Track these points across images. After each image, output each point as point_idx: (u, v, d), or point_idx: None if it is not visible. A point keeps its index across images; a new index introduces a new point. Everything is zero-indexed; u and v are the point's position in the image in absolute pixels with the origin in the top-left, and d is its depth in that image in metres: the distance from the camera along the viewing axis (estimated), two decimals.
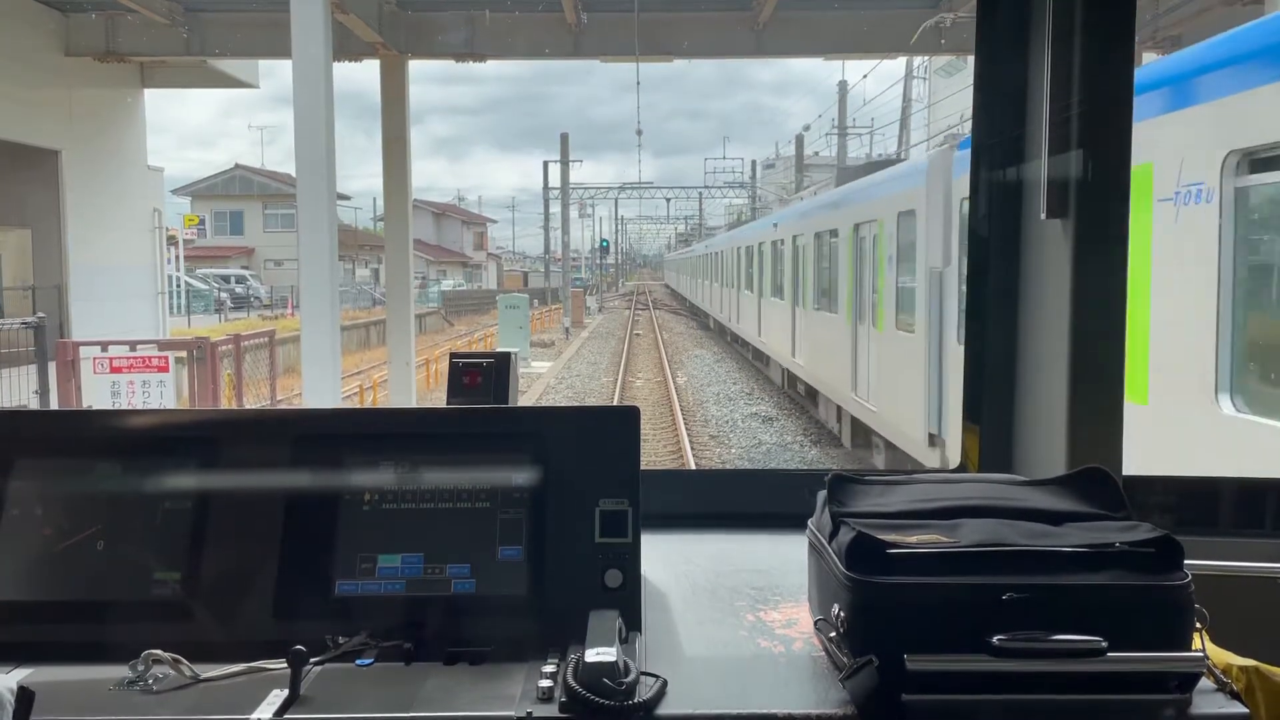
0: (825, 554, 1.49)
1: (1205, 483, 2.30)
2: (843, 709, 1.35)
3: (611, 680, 1.32)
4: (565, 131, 47.28)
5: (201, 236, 55.85)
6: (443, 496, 1.65)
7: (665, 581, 1.85)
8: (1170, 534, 1.36)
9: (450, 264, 78.61)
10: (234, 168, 57.61)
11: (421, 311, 44.36)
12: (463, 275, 79.27)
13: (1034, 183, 2.08)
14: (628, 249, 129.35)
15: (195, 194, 57.17)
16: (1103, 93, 1.97)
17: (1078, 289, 1.98)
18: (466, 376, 1.88)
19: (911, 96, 34.50)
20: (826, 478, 1.59)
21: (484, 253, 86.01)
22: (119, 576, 1.60)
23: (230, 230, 57.06)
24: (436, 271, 76.47)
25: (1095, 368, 2.00)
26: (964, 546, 1.37)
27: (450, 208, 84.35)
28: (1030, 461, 2.13)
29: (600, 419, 1.71)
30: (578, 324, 45.90)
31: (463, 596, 1.58)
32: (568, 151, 42.69)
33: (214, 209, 56.92)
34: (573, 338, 38.97)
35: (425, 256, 75.32)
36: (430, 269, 75.45)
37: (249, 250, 56.31)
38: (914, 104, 34.87)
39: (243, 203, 56.16)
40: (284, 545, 1.61)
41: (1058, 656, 1.29)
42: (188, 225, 43.31)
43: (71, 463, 1.68)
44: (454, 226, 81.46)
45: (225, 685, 1.42)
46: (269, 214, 56.80)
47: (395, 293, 11.04)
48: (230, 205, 56.48)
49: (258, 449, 1.69)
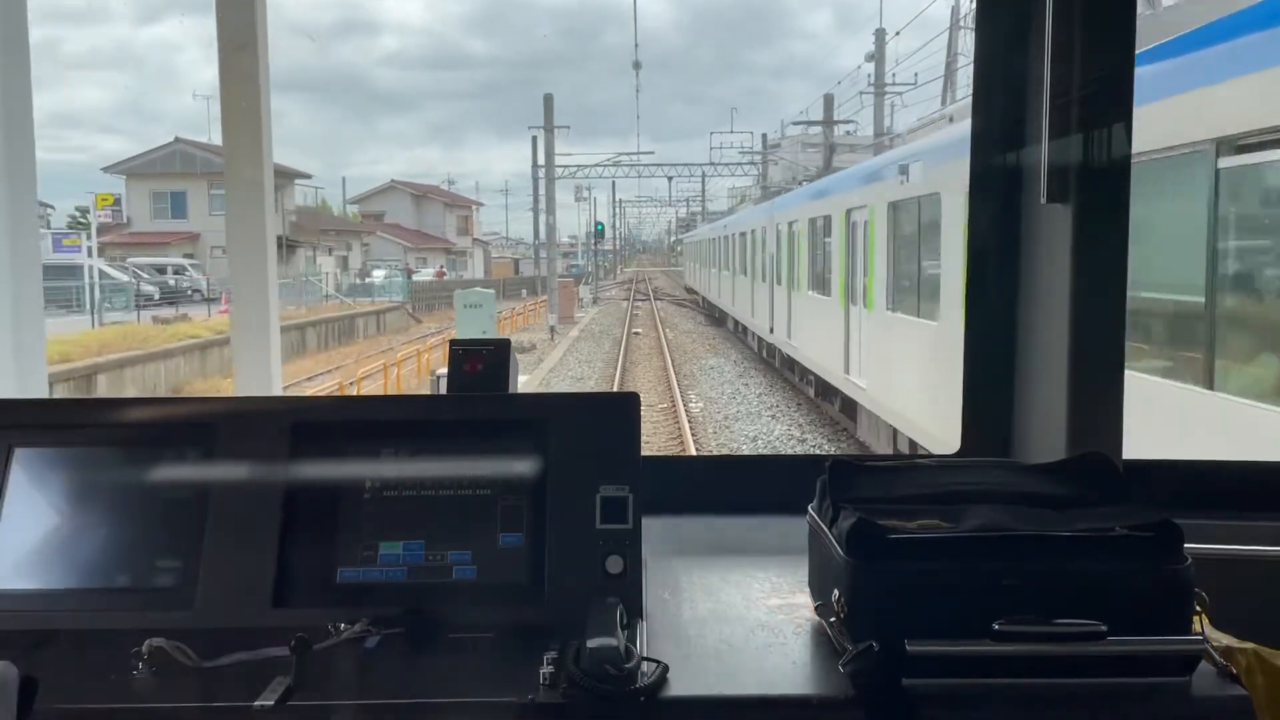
0: (826, 539, 1.50)
1: (1205, 467, 2.33)
2: (843, 693, 1.35)
3: (613, 666, 1.33)
4: (549, 93, 40.26)
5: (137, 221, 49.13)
6: (443, 484, 1.65)
7: (666, 567, 1.84)
8: (1170, 518, 1.37)
9: (431, 251, 71.86)
10: (174, 141, 50.43)
11: (383, 307, 37.50)
12: (445, 263, 72.47)
13: (1034, 167, 2.07)
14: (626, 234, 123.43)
15: (130, 172, 50.03)
16: (1103, 76, 1.98)
17: (1078, 273, 1.98)
18: (467, 363, 1.82)
19: (958, 50, 27.74)
20: (827, 463, 1.60)
21: (469, 238, 79.01)
22: (121, 564, 1.60)
23: (172, 213, 49.99)
24: (416, 260, 69.83)
25: (1095, 352, 2.00)
26: (964, 532, 1.39)
27: (432, 189, 77.43)
28: (1030, 447, 2.13)
29: (601, 405, 1.72)
30: (567, 319, 39.45)
31: (464, 583, 1.58)
32: (552, 117, 35.95)
33: (152, 189, 49.76)
34: (560, 338, 32.36)
35: (403, 243, 68.55)
36: (409, 256, 68.77)
37: (193, 236, 49.19)
38: (960, 58, 27.94)
39: (185, 182, 48.99)
40: (285, 533, 1.61)
41: (1058, 641, 1.30)
42: (100, 206, 36.63)
43: (73, 451, 1.68)
44: (435, 210, 74.54)
45: (228, 672, 1.42)
46: (216, 195, 49.74)
47: (245, 296, 4.37)
48: (171, 185, 49.34)
49: (259, 437, 1.68)
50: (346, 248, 59.67)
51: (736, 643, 1.52)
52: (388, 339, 33.60)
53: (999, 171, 2.17)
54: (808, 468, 1.82)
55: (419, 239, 70.83)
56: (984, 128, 2.19)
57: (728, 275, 33.15)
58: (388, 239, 67.50)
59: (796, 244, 20.27)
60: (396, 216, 72.34)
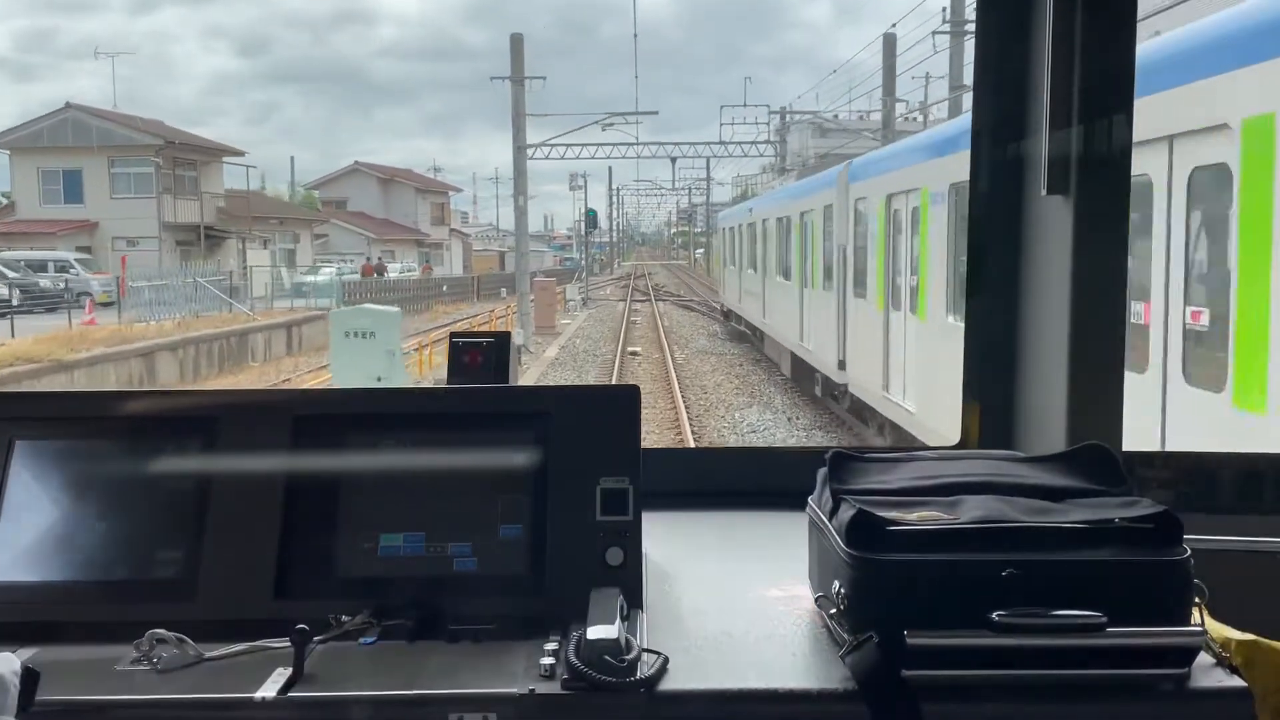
0: (826, 531, 1.49)
1: (1205, 459, 2.31)
2: (843, 685, 1.35)
3: (613, 657, 1.33)
4: (518, 33, 30.41)
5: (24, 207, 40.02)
6: (444, 476, 1.66)
7: (666, 559, 1.83)
8: (1170, 510, 1.37)
9: (400, 243, 62.73)
10: (65, 108, 41.10)
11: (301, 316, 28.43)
12: (416, 257, 63.32)
13: (1035, 158, 2.07)
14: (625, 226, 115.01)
15: (12, 145, 40.48)
16: (1104, 68, 1.97)
17: (1078, 265, 1.98)
18: (467, 356, 1.83)
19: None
20: (827, 455, 1.59)
21: (445, 228, 69.63)
22: (122, 556, 1.61)
23: (65, 197, 40.77)
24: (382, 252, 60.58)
25: (1095, 344, 2.00)
26: (964, 523, 1.38)
27: (401, 172, 66.93)
28: (1030, 438, 2.12)
29: (601, 398, 1.73)
30: (546, 329, 30.56)
31: (464, 575, 1.58)
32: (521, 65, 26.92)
33: (41, 166, 40.32)
34: (533, 360, 23.51)
35: (366, 233, 59.25)
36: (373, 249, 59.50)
37: (90, 225, 40.13)
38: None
39: (80, 157, 39.85)
40: (286, 524, 1.61)
41: (1058, 632, 1.30)
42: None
43: (74, 443, 1.68)
44: (406, 196, 65.04)
45: (229, 664, 1.42)
46: (117, 174, 40.67)
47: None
48: (63, 161, 40.15)
49: (260, 429, 1.68)
50: (293, 239, 50.57)
51: (736, 634, 1.52)
52: (297, 361, 24.63)
53: (1000, 163, 2.17)
54: (808, 459, 1.77)
55: (385, 229, 61.47)
56: (985, 119, 2.19)
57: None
58: (347, 228, 58.31)
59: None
60: (361, 203, 63.05)
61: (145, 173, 39.84)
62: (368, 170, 64.53)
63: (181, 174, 41.28)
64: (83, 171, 39.84)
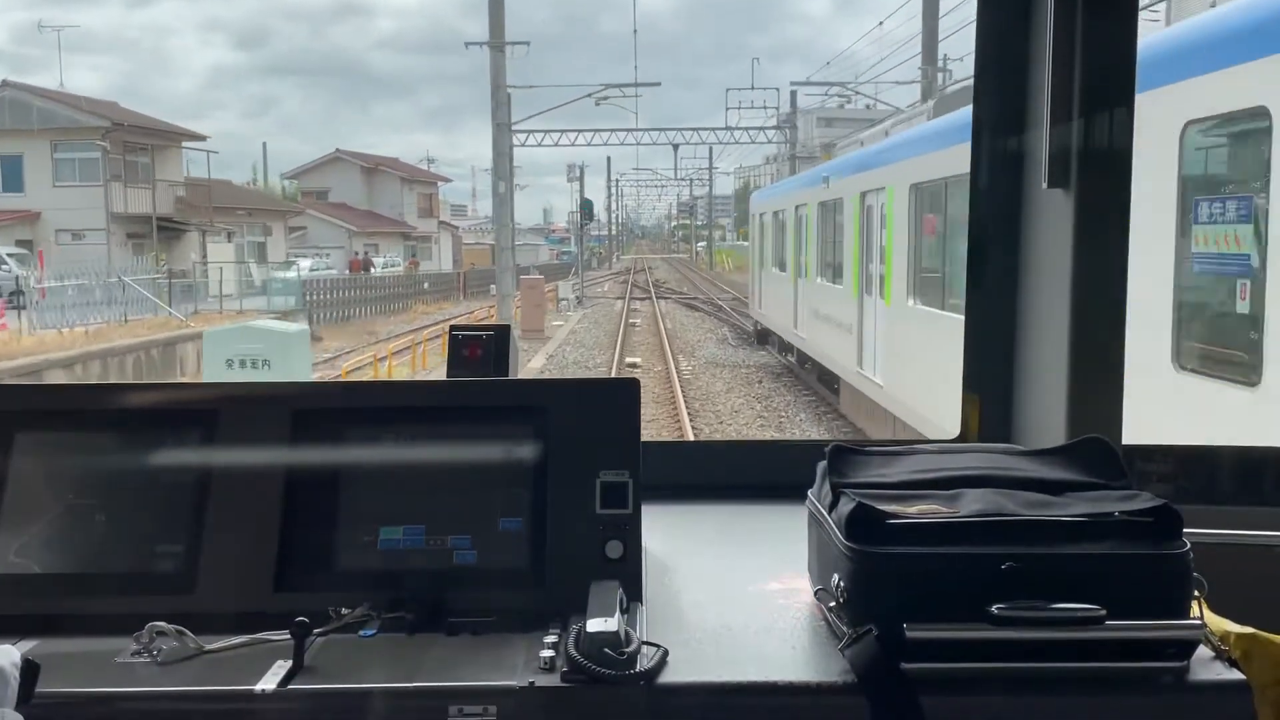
0: (825, 524, 1.49)
1: (1205, 452, 2.33)
2: (842, 678, 1.35)
3: (613, 650, 1.33)
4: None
5: None
6: (444, 468, 1.65)
7: (666, 552, 1.83)
8: (1169, 503, 1.37)
9: (385, 235, 58.92)
10: (3, 85, 37.07)
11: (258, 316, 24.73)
12: (402, 251, 59.46)
13: (1036, 152, 2.07)
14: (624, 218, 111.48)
15: None
16: (1105, 61, 1.97)
17: (1079, 258, 1.98)
18: (467, 349, 1.84)
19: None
20: (827, 449, 1.59)
21: (434, 220, 65.71)
22: (122, 549, 1.60)
23: (3, 185, 36.79)
24: (365, 246, 56.70)
25: (1095, 337, 2.00)
26: (964, 516, 1.39)
27: (386, 161, 63.06)
28: (1030, 431, 2.12)
29: (601, 391, 1.72)
30: (533, 333, 26.93)
31: (464, 568, 1.59)
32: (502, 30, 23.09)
33: None
34: None
35: (347, 225, 55.33)
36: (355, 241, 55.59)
37: (31, 216, 36.25)
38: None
39: (20, 141, 35.99)
40: (286, 517, 1.61)
41: (1057, 625, 1.31)
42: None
43: (74, 436, 1.68)
44: (391, 186, 61.17)
45: (229, 656, 1.42)
46: (61, 159, 36.79)
47: None
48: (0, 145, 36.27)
49: (260, 421, 1.67)
50: (264, 232, 46.74)
51: (736, 627, 1.52)
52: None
53: (1001, 155, 2.17)
54: (808, 453, 1.78)
55: (368, 221, 57.72)
56: (986, 111, 2.19)
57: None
58: (326, 220, 54.52)
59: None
60: (344, 194, 59.29)
61: (92, 158, 36.01)
62: (350, 159, 60.77)
63: (133, 159, 37.61)
64: (23, 157, 36.10)
